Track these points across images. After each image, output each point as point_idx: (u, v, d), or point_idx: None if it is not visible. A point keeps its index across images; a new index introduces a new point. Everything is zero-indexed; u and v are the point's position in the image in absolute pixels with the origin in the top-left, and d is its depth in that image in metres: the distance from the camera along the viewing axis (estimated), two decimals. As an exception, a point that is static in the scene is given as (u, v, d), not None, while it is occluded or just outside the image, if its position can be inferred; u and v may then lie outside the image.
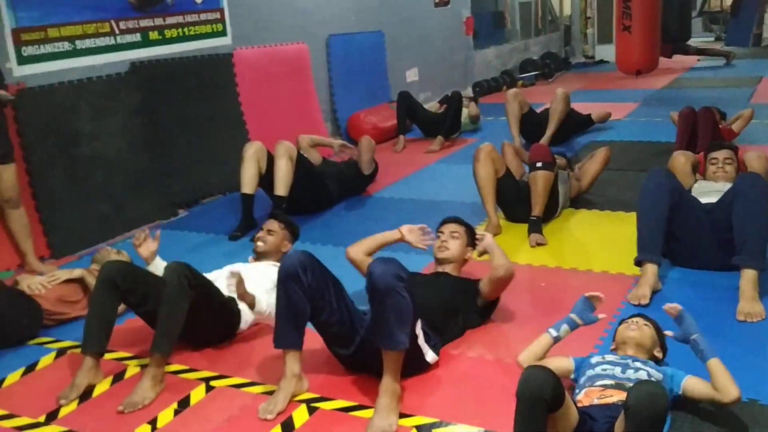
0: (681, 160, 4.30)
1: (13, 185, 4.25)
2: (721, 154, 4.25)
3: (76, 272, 3.74)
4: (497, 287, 3.22)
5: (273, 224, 3.71)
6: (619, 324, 2.77)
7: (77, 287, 3.72)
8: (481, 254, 3.32)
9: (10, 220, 4.31)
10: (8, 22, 4.56)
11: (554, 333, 2.72)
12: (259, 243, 3.65)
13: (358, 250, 3.40)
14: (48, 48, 4.80)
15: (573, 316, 2.74)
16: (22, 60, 4.64)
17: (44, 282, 3.64)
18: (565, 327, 2.73)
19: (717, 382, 2.41)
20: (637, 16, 9.82)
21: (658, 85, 10.07)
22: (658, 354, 2.66)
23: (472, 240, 3.43)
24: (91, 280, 3.58)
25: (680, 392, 2.48)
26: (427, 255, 3.66)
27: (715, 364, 2.44)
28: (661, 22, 10.29)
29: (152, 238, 3.48)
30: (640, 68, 10.24)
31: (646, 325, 2.67)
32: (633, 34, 9.91)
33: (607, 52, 12.65)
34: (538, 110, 6.99)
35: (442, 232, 3.45)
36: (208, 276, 3.29)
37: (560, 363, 2.64)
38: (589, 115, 7.33)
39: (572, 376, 2.63)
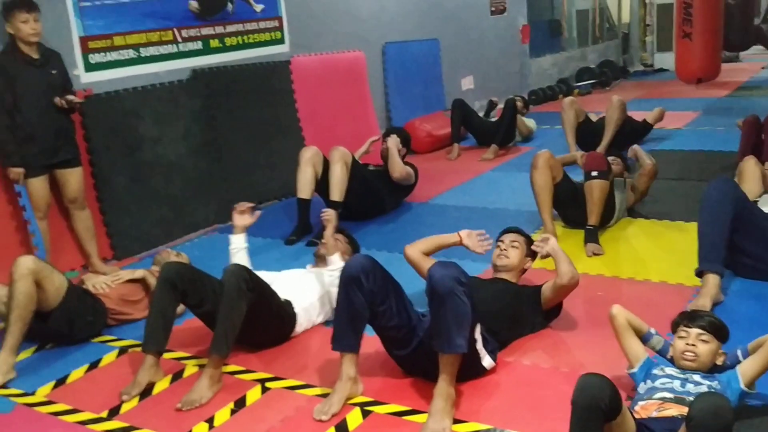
0: (751, 165, 4.18)
1: (79, 188, 4.40)
2: None
3: (138, 272, 3.85)
4: (560, 294, 3.21)
5: (339, 236, 3.77)
6: (677, 322, 2.63)
7: (139, 287, 3.82)
8: (544, 257, 3.29)
9: (76, 221, 4.46)
10: (76, 31, 4.72)
11: (653, 332, 2.68)
12: (322, 249, 3.70)
13: (416, 250, 3.42)
14: (113, 56, 4.95)
15: (669, 343, 2.66)
16: (90, 67, 4.80)
17: (108, 282, 3.75)
18: (659, 340, 2.67)
19: (763, 340, 2.42)
20: (698, 23, 9.60)
21: (721, 94, 9.84)
22: (720, 361, 2.57)
23: (531, 251, 3.41)
24: (152, 281, 3.68)
25: (742, 386, 2.41)
26: (483, 262, 3.66)
27: (753, 342, 2.46)
28: (723, 30, 10.06)
29: (253, 214, 3.68)
30: (701, 76, 10.01)
31: (704, 341, 2.52)
32: (694, 42, 9.70)
33: (666, 59, 12.43)
34: (595, 119, 6.90)
35: (502, 241, 3.45)
36: (265, 277, 3.34)
37: (636, 346, 2.64)
38: (644, 120, 7.17)
39: (634, 370, 2.58)
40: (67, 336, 3.50)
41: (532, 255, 3.43)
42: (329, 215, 3.68)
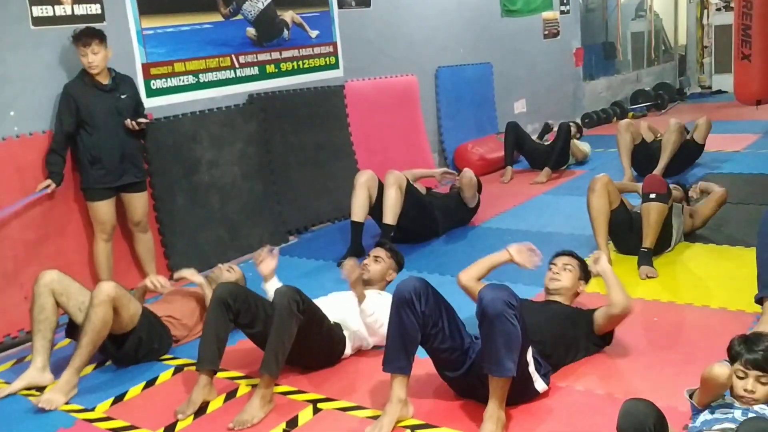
0: None
1: (144, 212, 4.54)
2: None
3: (197, 278, 3.91)
4: (612, 322, 3.17)
5: (380, 252, 3.76)
6: (737, 351, 2.44)
7: (196, 308, 3.89)
8: (595, 276, 3.29)
9: (139, 243, 4.59)
10: (139, 58, 4.89)
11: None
12: (365, 270, 3.70)
13: (469, 277, 3.41)
14: (174, 81, 5.11)
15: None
16: (151, 93, 4.96)
17: (164, 283, 3.87)
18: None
19: None
20: (758, 44, 9.40)
21: (782, 116, 9.59)
22: None
23: (584, 274, 3.40)
24: (208, 292, 3.74)
25: None
26: (536, 285, 3.63)
27: None
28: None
29: (271, 255, 3.64)
30: (760, 98, 9.78)
31: (763, 384, 2.37)
32: (753, 63, 9.49)
33: (725, 81, 12.18)
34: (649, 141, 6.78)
35: (554, 264, 3.43)
36: (316, 302, 3.37)
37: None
38: (693, 138, 6.85)
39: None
40: (131, 360, 3.60)
41: (585, 278, 3.40)
42: (347, 269, 3.33)
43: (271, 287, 3.52)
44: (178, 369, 3.54)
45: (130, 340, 3.52)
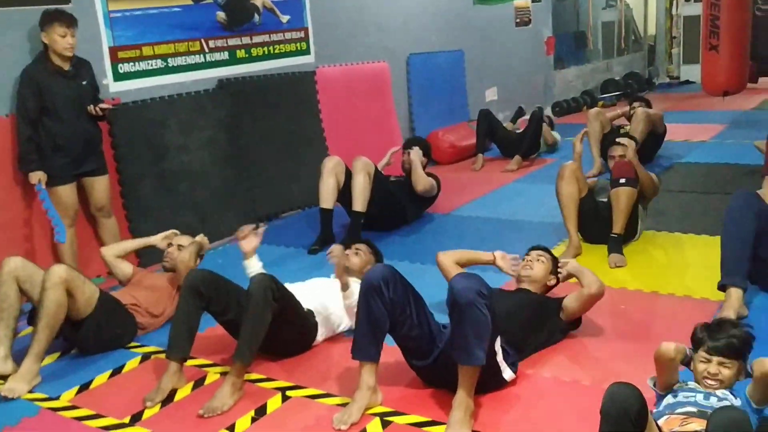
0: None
1: (106, 195, 4.47)
2: None
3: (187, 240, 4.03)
4: (586, 304, 3.21)
5: (362, 246, 3.77)
6: (699, 338, 2.52)
7: (162, 296, 3.85)
8: (566, 279, 3.37)
9: (102, 229, 4.54)
10: (106, 41, 4.81)
11: (689, 352, 2.53)
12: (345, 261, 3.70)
13: (449, 258, 3.49)
14: (142, 65, 5.03)
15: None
16: (118, 77, 4.88)
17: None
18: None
19: (759, 370, 2.33)
20: (725, 35, 9.52)
21: (747, 107, 9.75)
22: (743, 377, 2.52)
23: (556, 269, 3.43)
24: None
25: (755, 406, 2.39)
26: (507, 275, 3.65)
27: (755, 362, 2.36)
28: (751, 43, 9.96)
29: (255, 233, 3.61)
30: (727, 89, 9.91)
31: (726, 368, 2.44)
32: (720, 54, 9.62)
33: (693, 72, 12.32)
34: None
35: (528, 255, 3.48)
36: (289, 287, 3.37)
37: (677, 375, 2.51)
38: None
39: (662, 393, 2.54)
40: (94, 346, 3.55)
41: (556, 274, 3.43)
42: (335, 255, 3.37)
43: (250, 265, 3.54)
44: (146, 357, 3.51)
45: (87, 324, 3.47)
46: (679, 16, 13.49)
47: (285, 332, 3.24)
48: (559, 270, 3.36)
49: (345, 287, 3.28)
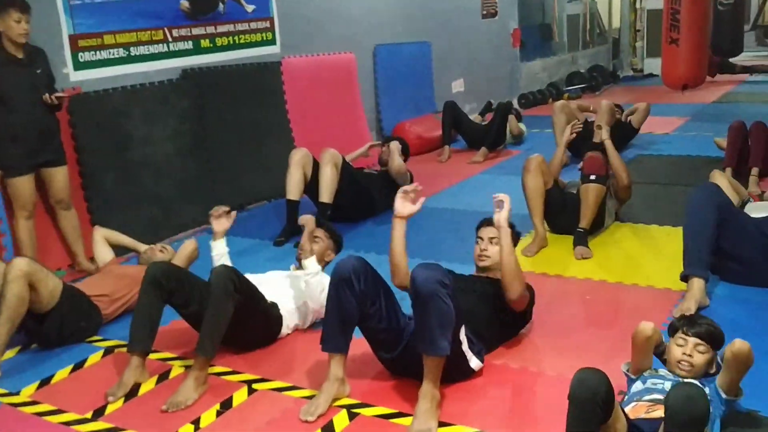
0: (717, 177, 4.24)
1: (65, 187, 4.37)
2: None
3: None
4: (515, 305, 3.08)
5: (318, 232, 3.72)
6: (675, 327, 2.58)
7: (128, 284, 3.79)
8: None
9: (62, 221, 4.44)
10: (66, 29, 4.70)
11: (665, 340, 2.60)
12: (302, 251, 3.65)
13: (400, 275, 3.11)
14: (103, 54, 4.93)
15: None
16: (79, 66, 4.78)
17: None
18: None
19: (728, 355, 2.36)
20: (685, 29, 9.64)
21: (708, 100, 9.91)
22: (713, 370, 2.57)
23: (514, 239, 3.23)
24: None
25: (724, 394, 2.42)
26: (471, 264, 3.65)
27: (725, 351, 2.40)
28: (713, 36, 10.11)
29: (228, 215, 3.60)
30: (686, 82, 10.05)
31: (701, 352, 2.49)
32: (680, 48, 9.74)
33: (656, 65, 12.46)
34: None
35: (481, 238, 3.30)
36: (252, 280, 3.34)
37: (650, 359, 2.55)
38: (629, 121, 7.11)
39: (634, 377, 2.56)
40: (56, 340, 3.48)
41: (515, 240, 3.24)
42: (305, 220, 3.58)
43: (216, 246, 3.57)
44: (108, 351, 3.45)
45: (51, 318, 3.40)
46: (642, 9, 13.65)
47: (249, 324, 3.22)
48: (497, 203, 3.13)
49: (307, 254, 3.36)
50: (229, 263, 3.48)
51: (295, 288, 3.46)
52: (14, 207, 4.20)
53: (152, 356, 3.22)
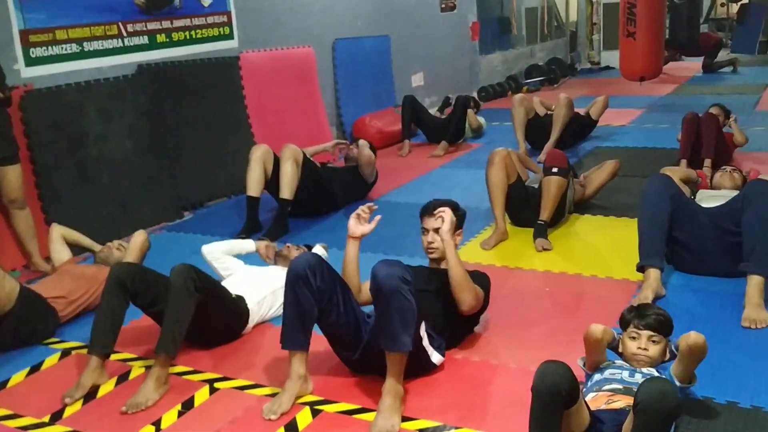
0: (668, 170, 4.36)
1: (18, 186, 4.27)
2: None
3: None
4: (466, 315, 3.06)
5: (302, 248, 3.77)
6: (627, 319, 2.61)
7: (86, 284, 3.72)
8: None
9: (16, 220, 4.34)
10: (16, 24, 4.59)
11: (617, 336, 2.61)
12: (282, 256, 3.74)
13: (360, 292, 3.11)
14: (56, 50, 4.83)
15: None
16: (30, 61, 4.67)
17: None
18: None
19: (681, 347, 2.42)
20: (642, 23, 9.79)
21: (664, 92, 10.08)
22: (667, 357, 2.61)
23: (458, 221, 3.17)
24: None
25: (678, 383, 2.47)
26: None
27: (679, 340, 2.45)
28: (669, 30, 10.29)
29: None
30: (644, 75, 10.22)
31: (654, 342, 2.54)
32: (637, 41, 9.89)
33: (613, 58, 12.64)
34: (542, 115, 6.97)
35: (425, 230, 3.18)
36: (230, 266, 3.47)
37: (605, 355, 2.59)
38: (588, 114, 7.23)
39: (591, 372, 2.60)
40: (11, 342, 3.40)
41: (460, 220, 3.20)
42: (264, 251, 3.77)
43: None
44: (65, 353, 3.39)
45: (6, 321, 3.32)
46: (599, 3, 13.84)
47: (212, 321, 3.20)
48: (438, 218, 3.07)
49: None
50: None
51: (272, 277, 3.50)
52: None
53: (112, 357, 3.16)
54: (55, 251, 4.04)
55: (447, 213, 3.06)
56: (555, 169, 4.45)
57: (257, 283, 3.50)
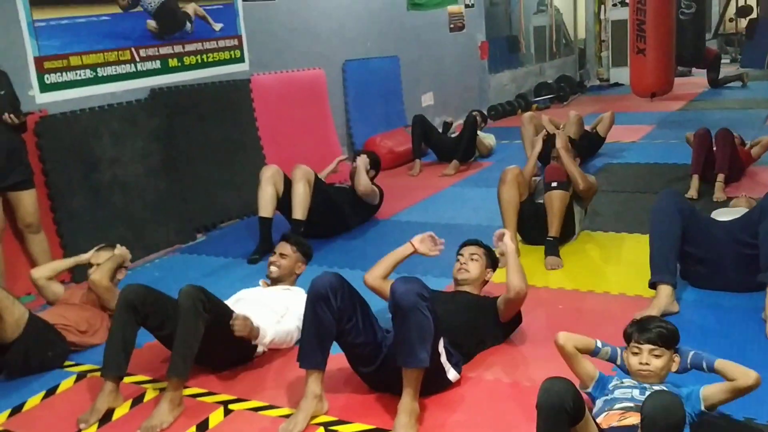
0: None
1: (33, 211, 4.32)
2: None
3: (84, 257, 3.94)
4: (510, 307, 3.22)
5: (285, 247, 3.70)
6: (629, 334, 2.61)
7: (99, 313, 3.75)
8: (501, 255, 3.35)
9: (31, 244, 4.38)
10: (31, 51, 4.66)
11: (600, 345, 2.64)
12: (273, 268, 3.64)
13: (375, 276, 3.38)
14: (70, 75, 4.90)
15: (618, 351, 2.65)
16: (45, 88, 4.74)
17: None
18: (607, 349, 2.65)
19: (734, 373, 2.38)
20: (651, 39, 9.84)
21: (674, 108, 10.07)
22: (675, 368, 2.59)
23: (491, 261, 3.46)
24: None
25: (702, 406, 2.42)
26: (447, 277, 3.68)
27: (722, 361, 2.42)
28: (676, 45, 10.31)
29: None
30: (654, 91, 10.23)
31: (656, 356, 2.52)
32: (647, 57, 9.93)
33: (622, 74, 12.70)
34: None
35: (461, 255, 3.45)
36: (229, 300, 3.32)
37: (588, 366, 2.59)
38: (596, 131, 7.23)
39: (589, 389, 2.60)
40: (21, 370, 3.41)
41: (493, 266, 3.46)
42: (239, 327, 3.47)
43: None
44: (81, 376, 3.40)
45: (14, 348, 3.33)
46: (607, 20, 13.89)
47: (222, 343, 3.18)
48: (497, 237, 3.36)
49: (255, 338, 3.14)
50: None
51: (274, 301, 3.46)
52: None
53: (126, 380, 3.17)
54: (50, 294, 3.92)
55: (507, 233, 3.36)
56: (554, 184, 4.46)
57: (268, 307, 3.45)
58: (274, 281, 3.66)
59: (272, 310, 3.38)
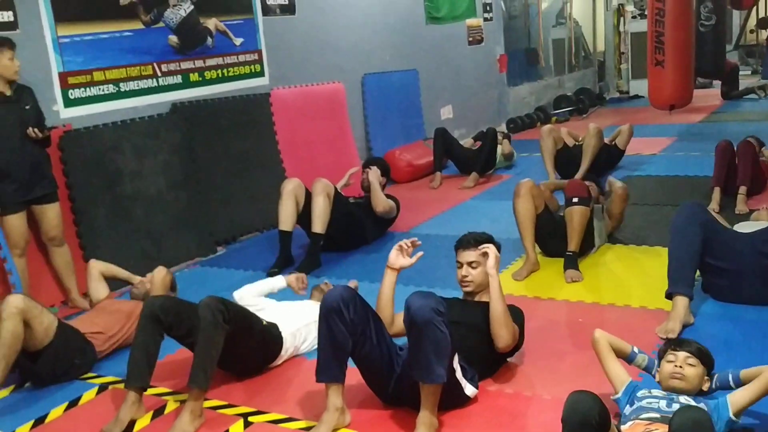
0: None
1: (57, 224, 4.38)
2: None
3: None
4: (504, 352, 3.08)
5: (330, 284, 3.86)
6: (664, 349, 2.66)
7: (121, 320, 3.79)
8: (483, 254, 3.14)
9: (55, 257, 4.44)
10: (56, 67, 4.74)
11: (636, 351, 2.69)
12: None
13: (388, 323, 3.06)
14: (93, 90, 4.97)
15: (655, 362, 2.68)
16: (69, 102, 4.81)
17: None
18: (644, 357, 2.70)
19: (759, 369, 2.41)
20: (670, 51, 9.77)
21: (694, 120, 10.01)
22: (705, 386, 2.59)
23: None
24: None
25: (731, 414, 2.41)
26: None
27: (747, 370, 2.45)
28: (696, 57, 10.25)
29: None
30: (673, 103, 10.16)
31: (691, 365, 2.55)
32: (666, 69, 9.87)
33: (641, 86, 12.62)
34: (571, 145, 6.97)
35: (460, 263, 3.25)
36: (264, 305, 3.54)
37: (619, 369, 2.62)
38: (615, 144, 7.19)
39: (618, 396, 2.59)
40: (50, 377, 3.46)
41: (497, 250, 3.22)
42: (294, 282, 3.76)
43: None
44: (103, 387, 3.43)
45: (45, 355, 3.38)
46: (626, 32, 13.85)
47: (244, 349, 3.24)
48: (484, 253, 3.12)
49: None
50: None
51: (307, 310, 3.54)
52: (8, 244, 4.20)
53: (148, 391, 3.19)
54: (94, 288, 4.13)
55: (491, 249, 3.11)
56: (575, 199, 4.45)
57: (291, 315, 3.54)
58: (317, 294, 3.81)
59: (301, 314, 3.50)
